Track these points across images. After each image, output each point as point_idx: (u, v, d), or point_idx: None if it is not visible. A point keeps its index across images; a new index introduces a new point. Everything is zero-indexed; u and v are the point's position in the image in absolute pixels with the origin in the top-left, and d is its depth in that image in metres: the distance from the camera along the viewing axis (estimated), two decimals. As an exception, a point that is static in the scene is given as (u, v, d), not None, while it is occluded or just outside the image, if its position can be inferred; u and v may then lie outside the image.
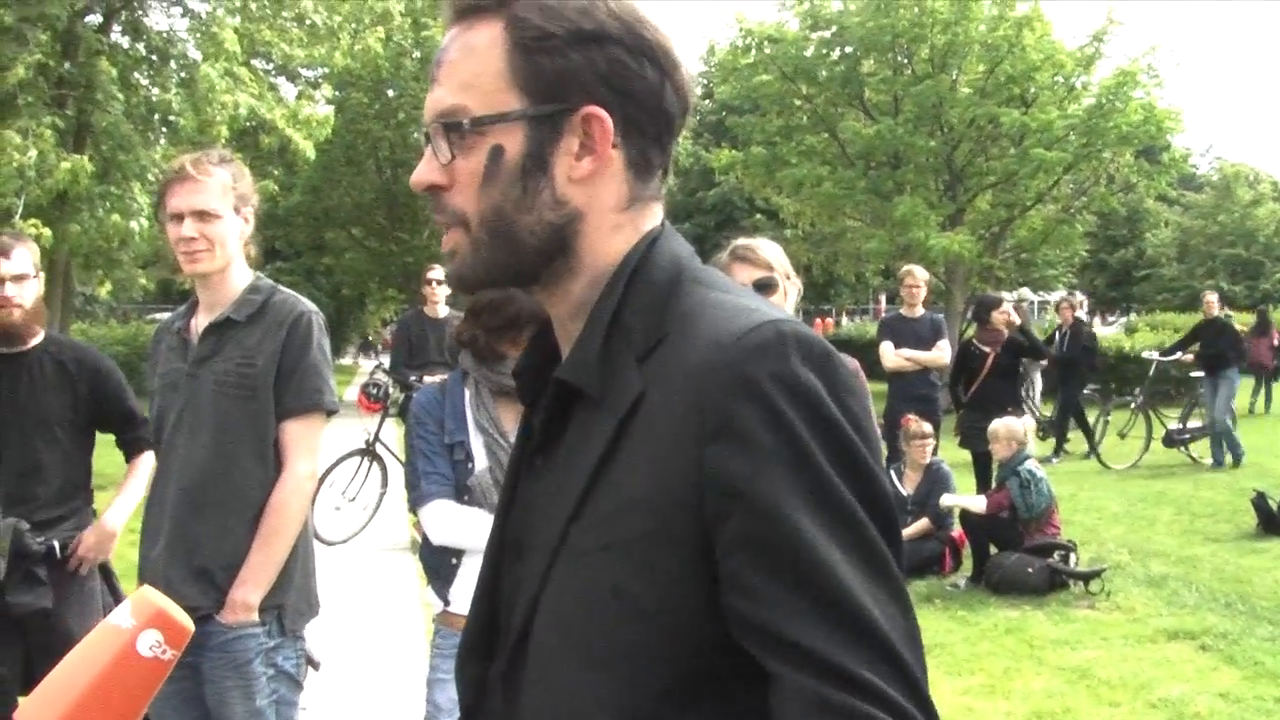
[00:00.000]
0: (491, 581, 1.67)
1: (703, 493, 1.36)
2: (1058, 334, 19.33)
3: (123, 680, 1.71)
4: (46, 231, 12.48)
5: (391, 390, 13.00)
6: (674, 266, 1.54)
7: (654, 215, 1.60)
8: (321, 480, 12.13)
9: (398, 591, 9.84)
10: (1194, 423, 18.16)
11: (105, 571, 5.13)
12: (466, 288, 1.61)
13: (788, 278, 4.55)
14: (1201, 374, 17.65)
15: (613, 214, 1.55)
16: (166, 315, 4.60)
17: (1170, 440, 17.70)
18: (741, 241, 4.62)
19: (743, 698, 1.39)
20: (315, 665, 4.30)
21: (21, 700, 3.70)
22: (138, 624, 1.73)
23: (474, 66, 1.53)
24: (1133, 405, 18.40)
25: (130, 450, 5.13)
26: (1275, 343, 25.49)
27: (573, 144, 1.52)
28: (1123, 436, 18.20)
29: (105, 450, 5.17)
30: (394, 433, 14.01)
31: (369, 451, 12.99)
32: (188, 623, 1.78)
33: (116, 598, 5.07)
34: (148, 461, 4.88)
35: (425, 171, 1.56)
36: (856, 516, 1.35)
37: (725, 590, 1.36)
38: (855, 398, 1.41)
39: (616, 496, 1.42)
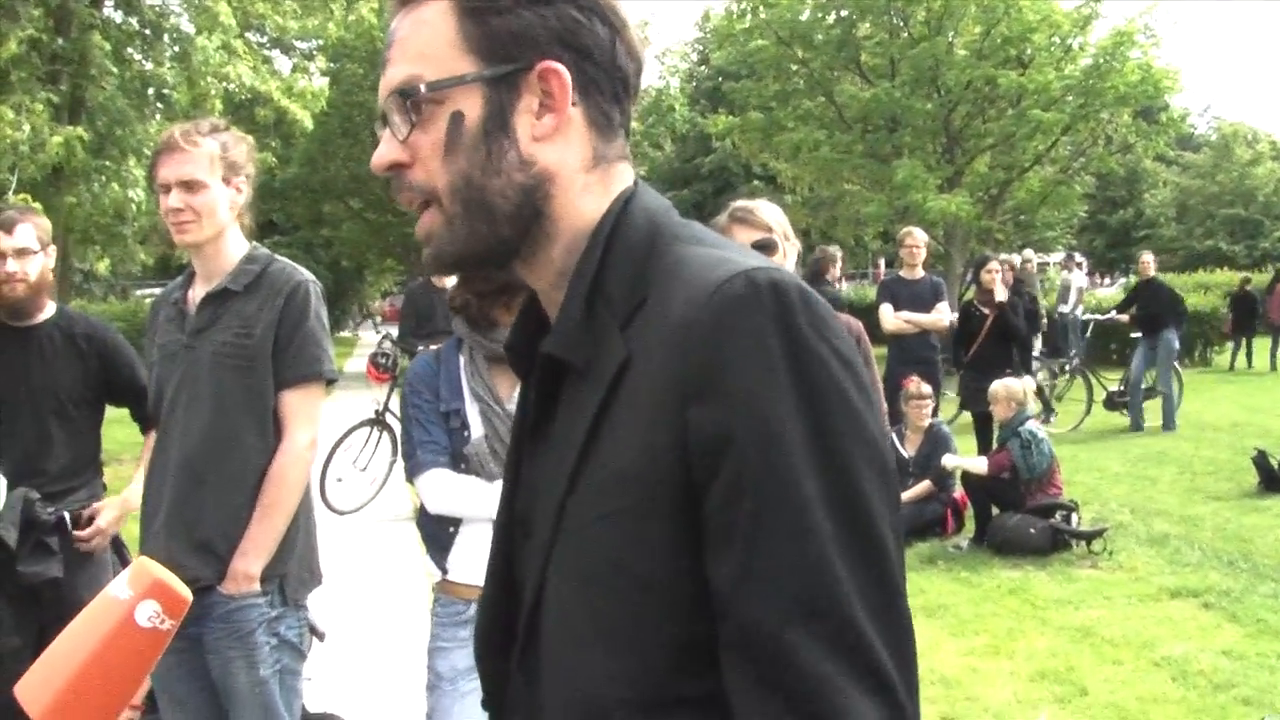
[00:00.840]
0: (503, 564, 1.66)
1: (689, 455, 1.33)
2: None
3: (122, 650, 1.71)
4: (37, 205, 12.43)
5: (400, 360, 13.00)
6: (650, 225, 1.52)
7: (623, 175, 1.59)
8: (332, 451, 12.21)
9: (402, 561, 9.85)
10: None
11: (116, 542, 5.13)
12: (445, 267, 1.58)
13: (786, 238, 4.56)
14: (1140, 335, 17.34)
15: (581, 174, 1.54)
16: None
17: (1111, 403, 17.62)
18: (740, 203, 4.62)
19: None
20: (320, 635, 4.30)
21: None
22: (136, 594, 1.73)
23: (425, 37, 1.52)
24: (1068, 367, 18.33)
25: (147, 425, 5.12)
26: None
27: (532, 103, 1.51)
28: (1059, 399, 18.20)
29: (113, 426, 5.16)
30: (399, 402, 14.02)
31: (379, 421, 13.07)
32: (186, 593, 1.78)
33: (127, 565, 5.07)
34: None
35: (385, 152, 1.55)
36: (848, 470, 1.33)
37: (706, 548, 1.35)
38: (836, 334, 1.38)
39: (608, 467, 1.40)
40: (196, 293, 4.01)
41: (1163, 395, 16.75)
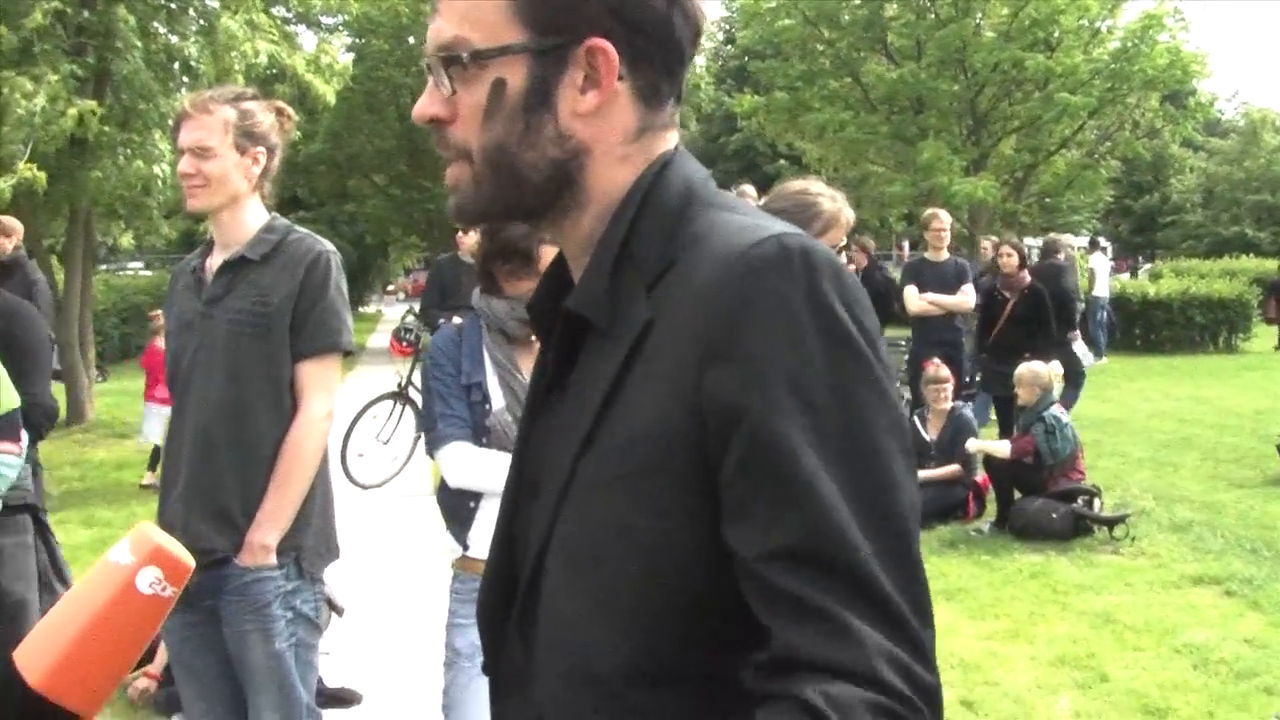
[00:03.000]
0: (508, 525, 1.64)
1: (704, 417, 1.31)
2: None
3: (123, 617, 1.69)
4: (41, 175, 12.43)
5: (422, 334, 13.01)
6: (685, 190, 1.50)
7: (666, 141, 1.56)
8: (353, 424, 12.24)
9: (422, 537, 9.84)
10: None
11: (39, 523, 5.00)
12: (467, 219, 1.58)
13: None
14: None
15: (620, 145, 1.51)
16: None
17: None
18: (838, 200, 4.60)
19: (761, 634, 1.34)
20: (339, 611, 4.30)
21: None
22: (137, 560, 1.70)
23: None
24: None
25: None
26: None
27: (577, 77, 1.48)
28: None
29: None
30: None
31: (401, 395, 13.08)
32: (188, 559, 1.75)
33: (50, 549, 5.03)
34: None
35: (427, 104, 1.53)
36: (867, 441, 1.30)
37: (723, 519, 1.32)
38: (864, 308, 1.36)
39: (624, 428, 1.38)
40: (214, 261, 3.99)
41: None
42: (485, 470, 3.85)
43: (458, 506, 4.01)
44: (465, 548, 3.99)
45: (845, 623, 1.23)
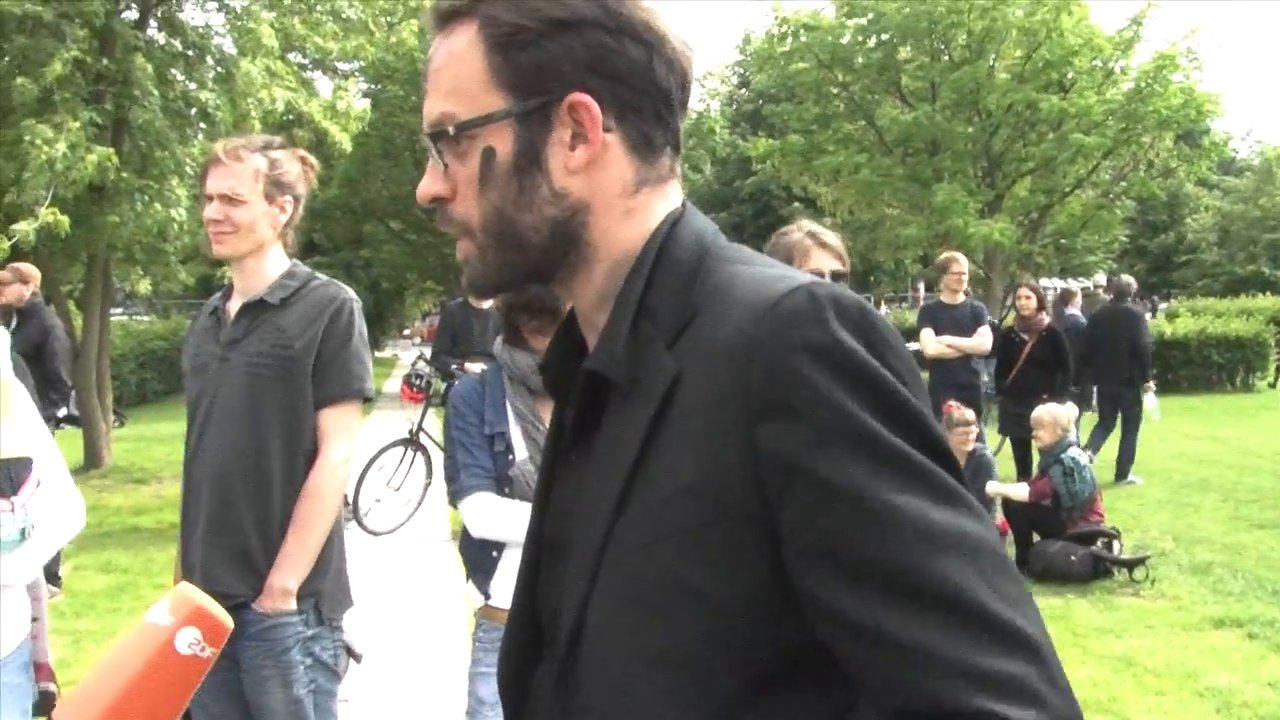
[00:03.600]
0: (530, 584, 1.64)
1: (759, 473, 1.31)
2: None
3: (162, 677, 1.69)
4: (64, 220, 12.54)
5: (433, 380, 13.03)
6: (698, 246, 1.51)
7: (669, 195, 1.56)
8: (364, 471, 12.24)
9: (439, 583, 9.85)
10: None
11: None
12: (481, 292, 1.60)
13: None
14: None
15: (620, 199, 1.52)
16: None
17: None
18: (815, 227, 4.53)
19: (821, 689, 1.35)
20: (357, 658, 4.28)
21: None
22: (176, 621, 1.72)
23: (455, 71, 1.51)
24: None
25: None
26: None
27: (564, 135, 1.48)
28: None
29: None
30: (436, 423, 14.09)
31: (413, 441, 13.08)
32: (226, 620, 1.76)
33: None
34: None
35: (428, 184, 1.55)
36: (919, 467, 1.30)
37: (796, 577, 1.31)
38: (896, 351, 1.36)
39: (665, 485, 1.37)
40: (234, 305, 4.02)
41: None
42: (508, 520, 3.85)
43: (480, 556, 4.01)
44: (488, 597, 3.99)
45: (973, 662, 1.22)
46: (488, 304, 11.30)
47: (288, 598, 3.81)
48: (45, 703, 3.86)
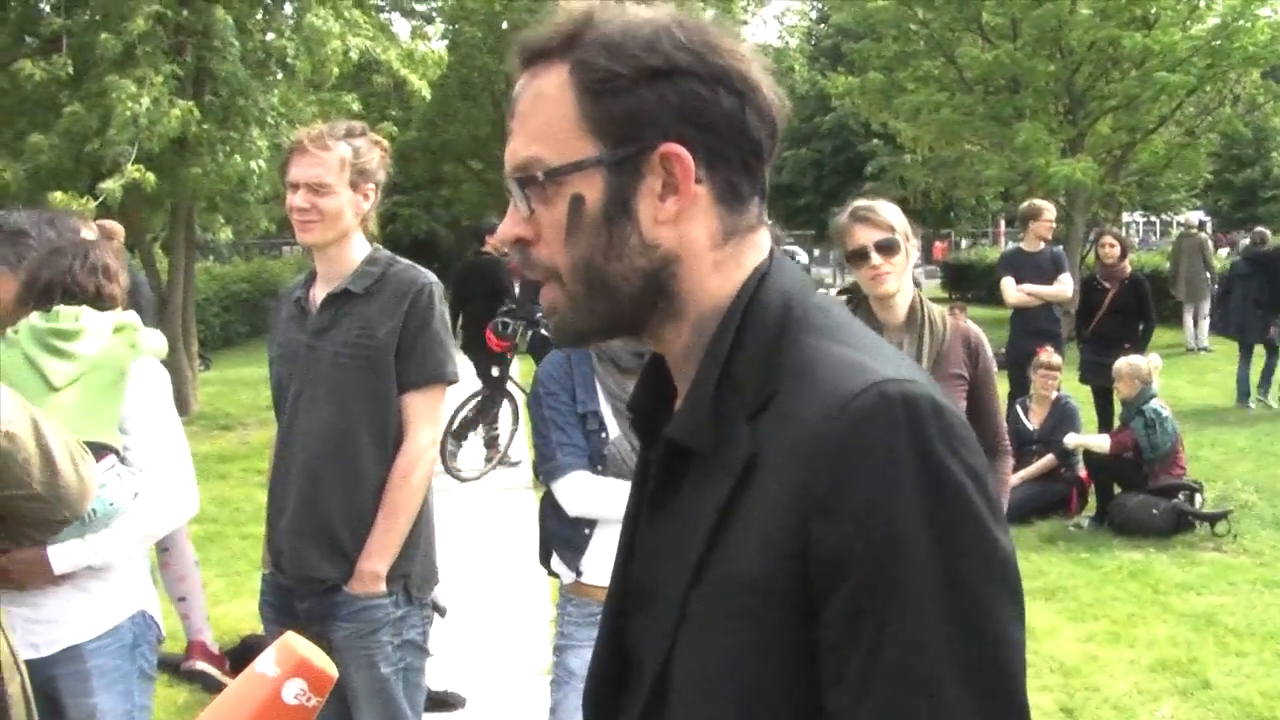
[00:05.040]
0: (615, 625, 1.66)
1: (810, 569, 1.32)
2: None
3: None
4: (150, 176, 12.70)
5: (518, 329, 13.13)
6: (784, 308, 1.49)
7: (758, 247, 1.55)
8: (454, 417, 12.37)
9: (521, 532, 9.93)
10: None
11: None
12: (571, 341, 1.59)
13: (907, 238, 4.57)
14: None
15: (709, 251, 1.51)
16: (289, 249, 4.55)
17: None
18: (862, 203, 4.65)
19: None
20: (441, 612, 4.39)
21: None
22: (283, 673, 1.78)
23: (544, 115, 1.49)
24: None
25: None
26: None
27: (655, 184, 1.47)
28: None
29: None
30: (519, 369, 14.23)
31: (500, 388, 13.19)
32: (331, 670, 1.83)
33: None
34: None
35: (510, 225, 1.53)
36: (978, 596, 1.31)
37: (824, 678, 1.34)
38: (970, 449, 1.36)
39: (727, 567, 1.39)
40: (318, 293, 4.08)
41: None
42: (607, 498, 3.86)
43: (570, 533, 4.02)
44: (579, 574, 4.02)
45: None
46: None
47: (378, 582, 3.89)
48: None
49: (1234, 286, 16.56)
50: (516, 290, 13.39)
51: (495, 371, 13.24)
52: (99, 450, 3.62)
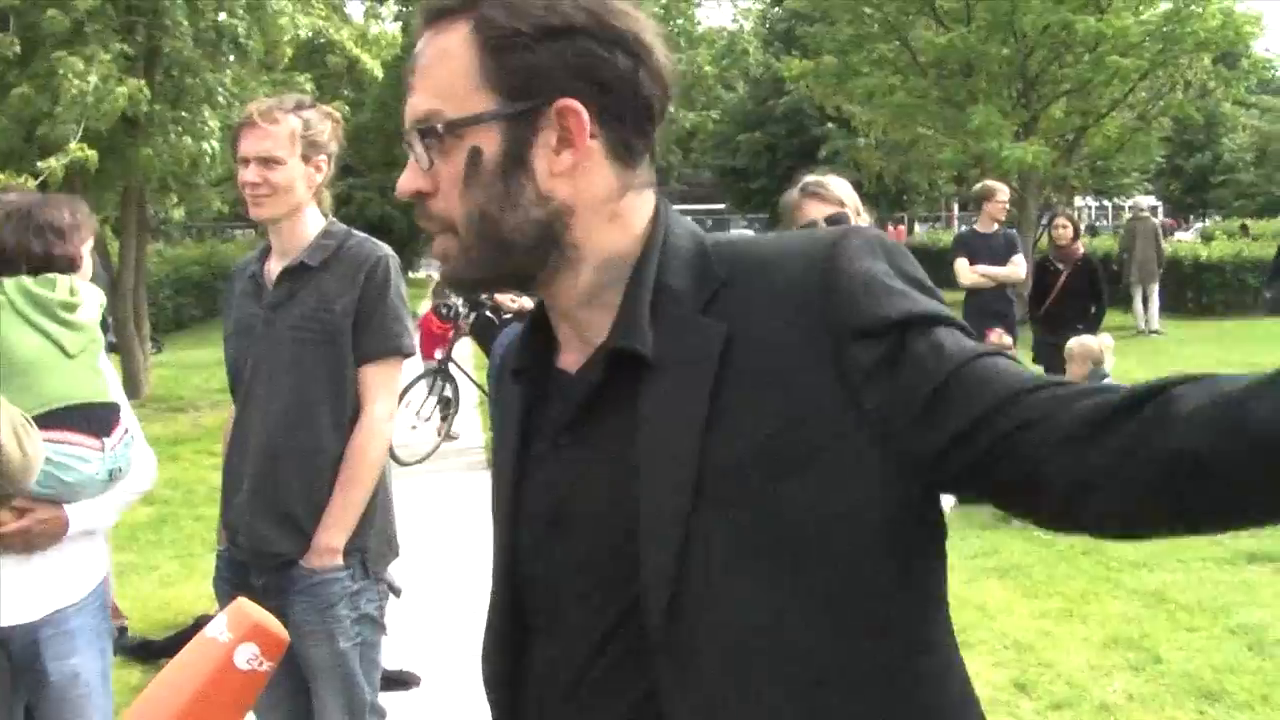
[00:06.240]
0: (512, 567, 1.68)
1: (863, 384, 1.44)
2: None
3: (221, 693, 1.74)
4: (92, 154, 12.59)
5: (461, 309, 13.13)
6: (695, 236, 1.60)
7: (648, 200, 1.62)
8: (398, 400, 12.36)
9: (470, 511, 9.91)
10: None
11: None
12: (462, 289, 1.70)
13: (858, 213, 4.59)
14: None
15: (604, 204, 1.57)
16: (241, 232, 4.56)
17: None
18: (812, 178, 4.68)
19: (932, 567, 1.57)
20: (396, 592, 4.37)
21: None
22: (235, 637, 1.76)
23: (445, 70, 1.54)
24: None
25: None
26: None
27: (550, 138, 1.52)
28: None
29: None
30: (464, 351, 14.25)
31: (440, 371, 13.19)
32: (283, 634, 1.81)
33: None
34: None
35: (409, 179, 1.57)
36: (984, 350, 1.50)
37: (931, 432, 1.44)
38: (919, 269, 1.55)
39: (761, 428, 1.45)
40: (273, 267, 4.06)
41: None
42: None
43: None
44: None
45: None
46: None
47: (334, 555, 3.88)
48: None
49: None
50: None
51: (438, 354, 13.31)
52: (113, 411, 3.65)
